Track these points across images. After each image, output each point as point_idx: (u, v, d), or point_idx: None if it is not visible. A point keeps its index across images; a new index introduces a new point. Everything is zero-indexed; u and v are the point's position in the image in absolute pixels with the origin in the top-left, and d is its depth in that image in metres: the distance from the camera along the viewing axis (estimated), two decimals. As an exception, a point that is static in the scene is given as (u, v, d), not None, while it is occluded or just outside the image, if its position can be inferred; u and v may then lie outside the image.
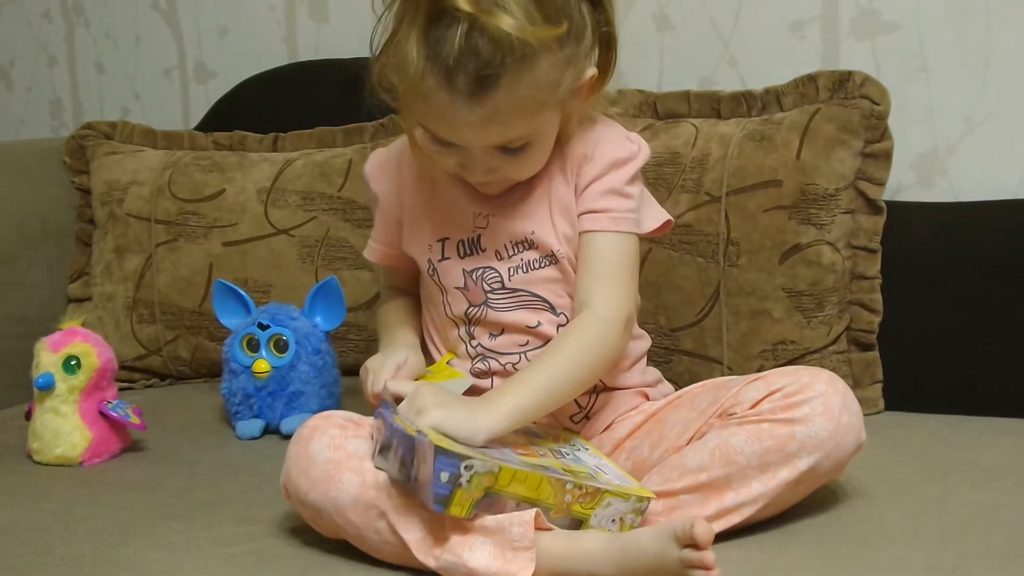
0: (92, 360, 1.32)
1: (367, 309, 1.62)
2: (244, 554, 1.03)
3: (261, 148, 1.73)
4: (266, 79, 1.85)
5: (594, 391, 1.15)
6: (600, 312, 1.07)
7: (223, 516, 1.12)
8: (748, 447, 1.00)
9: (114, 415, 1.32)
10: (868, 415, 1.34)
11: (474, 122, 1.01)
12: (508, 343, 1.13)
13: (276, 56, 1.89)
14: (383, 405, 1.03)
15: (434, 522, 0.95)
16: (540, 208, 1.12)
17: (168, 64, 2.00)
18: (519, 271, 1.13)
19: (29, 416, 1.35)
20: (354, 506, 0.98)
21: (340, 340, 1.58)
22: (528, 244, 1.12)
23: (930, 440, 1.27)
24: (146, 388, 1.68)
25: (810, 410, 1.01)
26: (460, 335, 1.16)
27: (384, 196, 1.20)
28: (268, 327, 1.40)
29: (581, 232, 1.11)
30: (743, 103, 1.45)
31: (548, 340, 1.12)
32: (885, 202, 1.38)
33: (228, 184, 1.67)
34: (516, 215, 1.12)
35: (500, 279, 1.13)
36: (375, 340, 1.61)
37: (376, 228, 1.23)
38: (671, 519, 0.99)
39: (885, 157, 1.37)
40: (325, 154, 1.68)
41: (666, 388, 1.20)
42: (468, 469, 0.90)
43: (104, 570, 1.01)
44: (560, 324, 1.13)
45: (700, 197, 1.40)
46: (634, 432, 1.13)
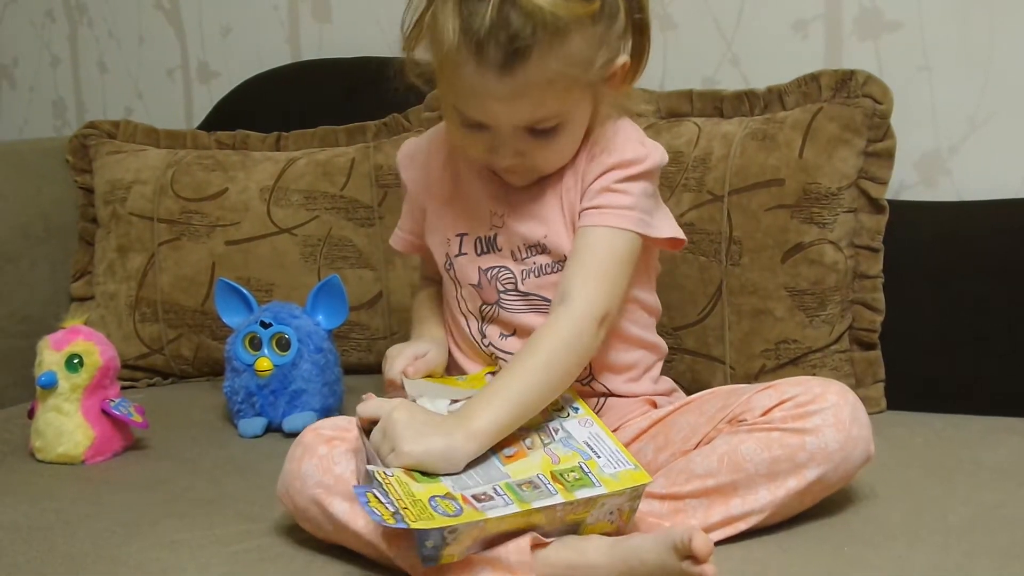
0: (95, 358, 1.33)
1: (369, 308, 1.62)
2: (246, 552, 1.03)
3: (264, 147, 1.73)
4: (269, 79, 1.86)
5: (600, 396, 1.14)
6: (576, 308, 1.04)
7: (225, 514, 1.12)
8: (757, 455, 1.00)
9: (116, 413, 1.32)
10: (871, 414, 1.34)
11: (504, 96, 1.00)
12: (519, 344, 1.12)
13: (279, 56, 1.89)
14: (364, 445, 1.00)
15: None
16: (552, 212, 1.12)
17: (171, 64, 2.00)
18: (531, 275, 1.12)
19: (32, 414, 1.35)
20: (347, 532, 0.98)
21: (343, 339, 1.58)
22: (541, 248, 1.12)
23: (933, 439, 1.27)
24: (149, 387, 1.68)
25: (821, 421, 1.00)
26: (472, 333, 1.16)
27: (412, 185, 1.21)
28: (270, 325, 1.40)
29: (578, 227, 1.10)
30: (746, 102, 1.45)
31: None
32: (888, 201, 1.38)
33: (231, 183, 1.67)
34: (530, 217, 1.12)
35: (514, 280, 1.13)
36: (377, 339, 1.63)
37: (403, 216, 1.24)
38: (673, 525, 0.98)
39: (888, 156, 1.37)
40: (328, 153, 1.68)
41: (680, 397, 1.19)
42: (452, 533, 0.89)
43: (106, 568, 1.01)
44: None
45: (702, 196, 1.40)
46: (639, 436, 1.12)
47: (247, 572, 0.99)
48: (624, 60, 1.08)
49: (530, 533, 0.93)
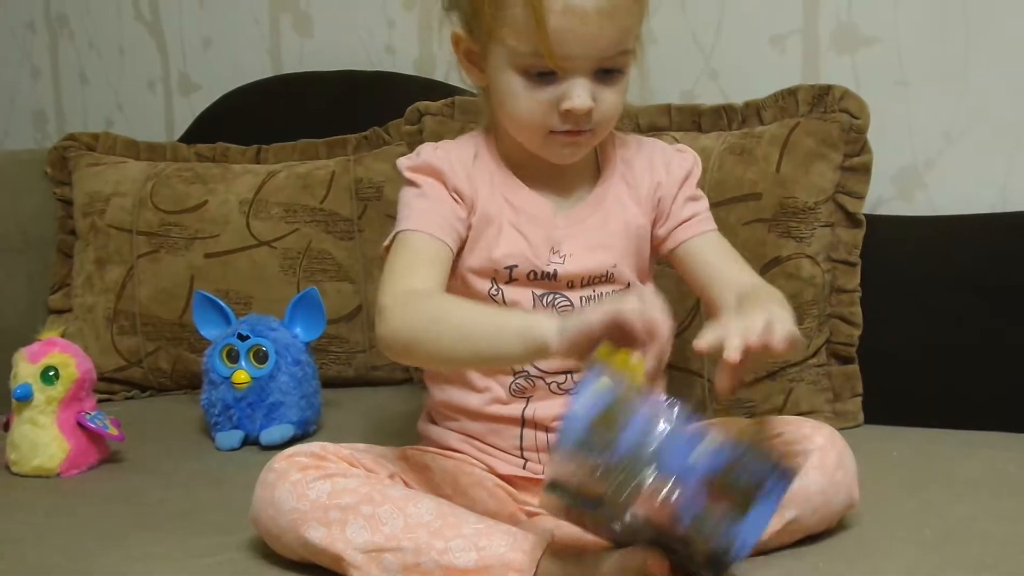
0: (70, 371, 1.32)
1: (348, 321, 1.62)
2: (219, 565, 1.02)
3: (244, 160, 1.73)
4: (250, 91, 1.86)
5: None
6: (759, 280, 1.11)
7: (199, 527, 1.12)
8: None
9: (92, 426, 1.32)
10: (847, 428, 1.35)
11: (598, 11, 1.00)
12: (559, 364, 1.08)
13: (260, 68, 1.89)
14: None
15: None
16: (618, 240, 1.11)
17: (152, 76, 2.00)
18: (592, 301, 1.09)
19: (7, 427, 1.35)
20: (324, 555, 0.97)
21: (321, 352, 1.58)
22: (607, 278, 1.11)
23: (908, 453, 1.27)
24: (126, 400, 1.67)
25: (806, 461, 0.99)
26: None
27: (453, 181, 1.09)
28: (248, 338, 1.40)
29: (682, 242, 1.13)
30: (724, 116, 1.45)
31: None
32: (865, 215, 1.38)
33: (210, 196, 1.67)
34: (596, 247, 1.10)
35: (571, 306, 1.09)
36: (356, 352, 1.62)
37: (432, 216, 1.08)
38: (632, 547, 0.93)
39: (864, 171, 1.38)
40: (308, 166, 1.68)
41: None
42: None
43: (77, 581, 1.01)
44: None
45: (681, 210, 1.41)
46: None
47: (219, 585, 0.99)
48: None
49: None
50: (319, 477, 0.99)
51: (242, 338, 1.40)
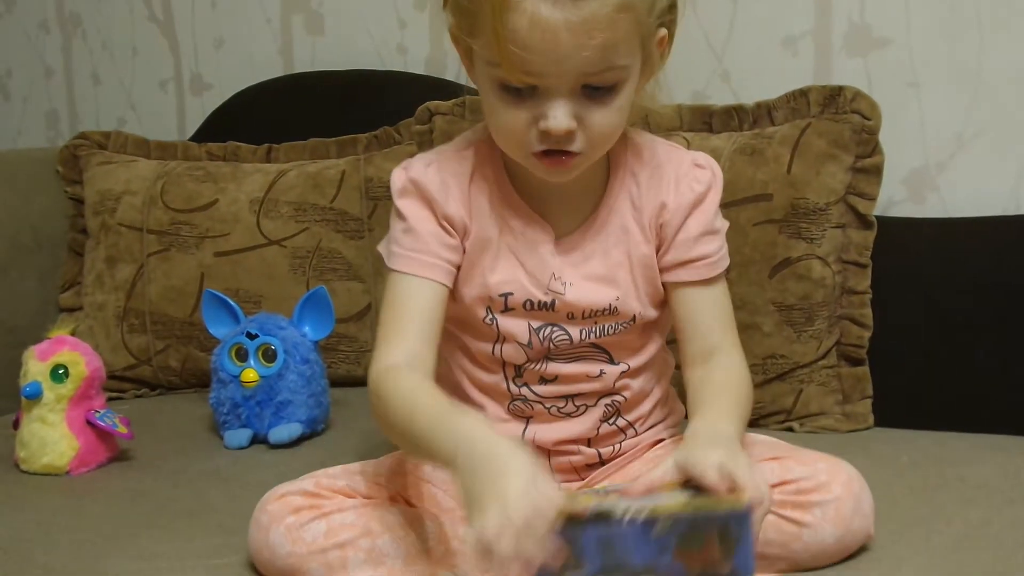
0: (80, 369, 1.32)
1: (358, 321, 1.62)
2: (226, 566, 1.02)
3: (254, 159, 1.73)
4: (261, 91, 1.86)
5: (624, 436, 1.10)
6: (735, 353, 1.05)
7: (207, 526, 1.12)
8: None
9: (101, 424, 1.32)
10: (857, 431, 1.35)
11: (574, 26, 0.89)
12: (557, 390, 1.06)
13: (272, 68, 1.89)
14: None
15: None
16: (622, 272, 1.04)
17: (164, 75, 2.00)
18: (592, 334, 1.05)
19: (17, 425, 1.35)
20: None
21: (330, 351, 1.58)
22: (610, 311, 1.04)
23: (920, 457, 1.26)
24: (136, 398, 1.67)
25: (822, 515, 0.96)
26: (504, 373, 1.07)
27: (443, 208, 1.03)
28: (256, 336, 1.40)
29: (678, 284, 1.05)
30: (735, 117, 1.45)
31: (608, 387, 1.06)
32: (876, 217, 1.38)
33: (221, 194, 1.67)
34: (598, 281, 1.04)
35: (569, 340, 1.05)
36: (366, 351, 1.62)
37: (421, 242, 1.03)
38: None
39: (876, 172, 1.37)
40: (318, 165, 1.68)
41: (679, 408, 1.16)
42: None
43: (84, 580, 1.01)
44: (622, 371, 1.06)
45: (691, 211, 1.40)
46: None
47: (225, 585, 0.99)
48: (663, 33, 1.00)
49: None
50: (314, 517, 0.97)
51: (251, 337, 1.40)
